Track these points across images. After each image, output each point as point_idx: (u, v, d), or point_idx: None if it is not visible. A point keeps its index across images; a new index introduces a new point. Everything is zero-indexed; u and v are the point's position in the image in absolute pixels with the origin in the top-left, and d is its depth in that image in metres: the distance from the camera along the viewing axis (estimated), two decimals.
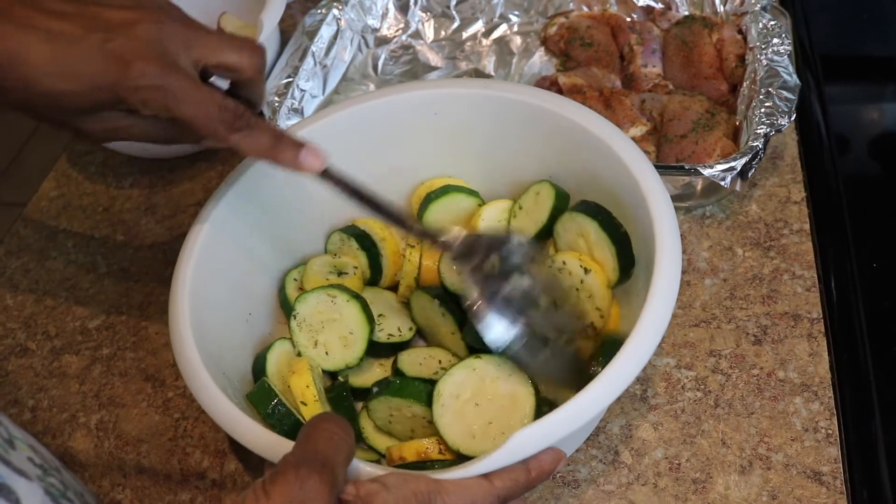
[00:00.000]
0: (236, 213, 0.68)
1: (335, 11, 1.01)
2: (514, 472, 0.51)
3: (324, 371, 0.69)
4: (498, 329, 0.59)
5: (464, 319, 0.66)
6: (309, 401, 0.63)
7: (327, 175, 0.61)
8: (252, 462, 0.71)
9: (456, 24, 1.05)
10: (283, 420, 0.61)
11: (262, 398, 0.62)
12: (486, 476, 0.51)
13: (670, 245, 0.59)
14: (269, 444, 0.53)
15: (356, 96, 0.74)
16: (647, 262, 0.60)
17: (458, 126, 0.74)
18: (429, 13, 1.06)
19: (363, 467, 0.50)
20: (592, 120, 0.67)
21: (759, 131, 0.76)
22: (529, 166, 0.73)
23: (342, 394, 0.67)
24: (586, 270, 0.66)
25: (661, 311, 0.56)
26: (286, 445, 0.49)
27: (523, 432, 0.51)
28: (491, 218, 0.73)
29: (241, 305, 0.70)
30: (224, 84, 0.61)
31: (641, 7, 1.00)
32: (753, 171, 0.75)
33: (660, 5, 0.99)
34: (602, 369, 0.54)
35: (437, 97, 0.73)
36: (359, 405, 0.68)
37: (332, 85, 1.00)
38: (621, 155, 0.64)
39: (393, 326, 0.71)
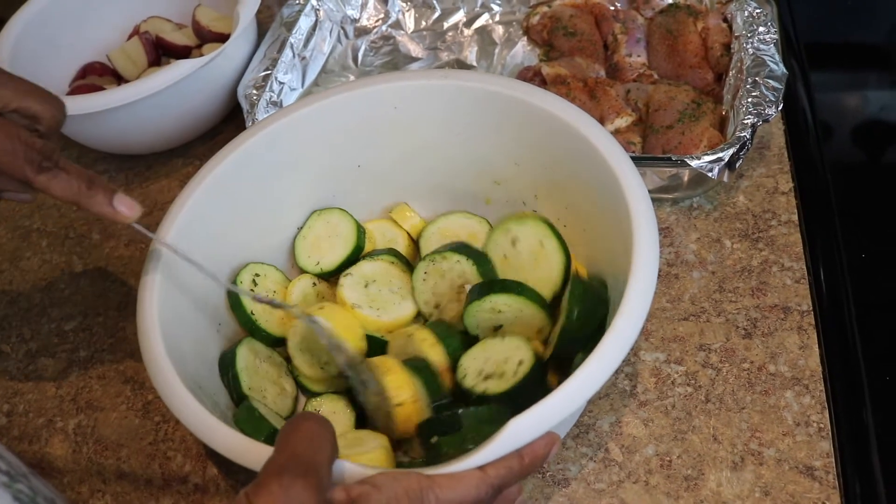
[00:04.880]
0: (196, 223, 0.67)
1: (313, 2, 1.00)
2: (507, 460, 0.50)
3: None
4: None
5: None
6: (406, 401, 0.62)
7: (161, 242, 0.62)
8: (234, 466, 0.69)
9: (437, 14, 1.04)
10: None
11: (248, 420, 0.62)
12: (479, 466, 0.49)
13: (646, 219, 0.58)
14: (247, 450, 0.52)
15: (317, 94, 0.72)
16: (624, 247, 0.59)
17: (419, 119, 0.72)
18: (409, 3, 1.04)
19: (349, 466, 0.49)
20: (560, 106, 0.67)
21: (746, 121, 0.75)
22: (496, 157, 0.72)
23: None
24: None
25: (643, 293, 0.55)
26: (265, 451, 0.48)
27: (517, 422, 0.50)
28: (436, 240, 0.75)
29: (209, 316, 0.68)
30: None
31: None
32: (741, 161, 0.74)
33: None
34: (585, 357, 0.53)
35: (396, 90, 0.71)
36: None
37: (311, 77, 0.98)
38: (593, 141, 0.64)
39: None
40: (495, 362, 0.62)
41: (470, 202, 0.76)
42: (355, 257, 0.74)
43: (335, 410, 0.67)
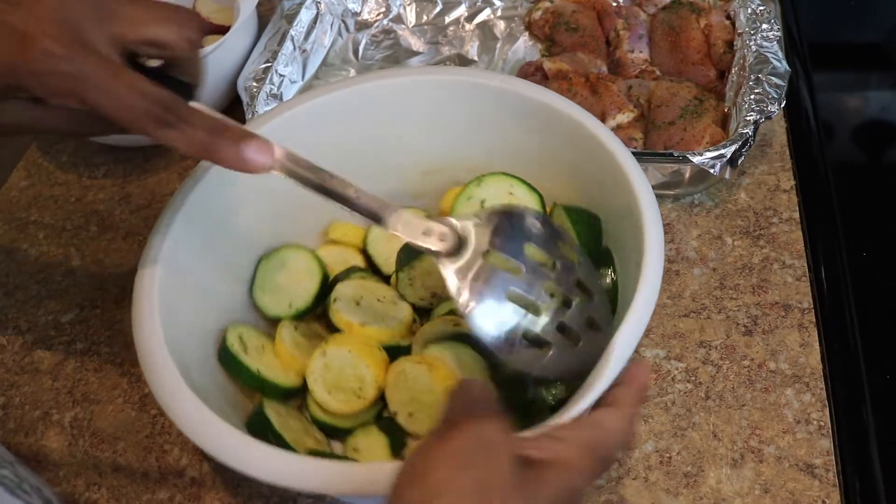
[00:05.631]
0: (198, 217, 0.64)
1: None
2: (631, 395, 0.49)
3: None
4: (489, 327, 0.51)
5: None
6: None
7: (284, 169, 0.52)
8: None
9: (438, 9, 1.03)
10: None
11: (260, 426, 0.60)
12: (614, 409, 0.48)
13: (651, 206, 0.58)
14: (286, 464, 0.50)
15: (330, 84, 0.71)
16: (633, 233, 0.59)
17: (433, 113, 0.71)
18: None
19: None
20: (561, 103, 0.66)
21: (748, 118, 0.75)
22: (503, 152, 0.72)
23: None
24: None
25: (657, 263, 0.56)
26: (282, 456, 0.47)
27: (617, 341, 0.51)
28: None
29: (213, 319, 0.66)
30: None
31: None
32: (743, 158, 0.74)
33: None
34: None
35: (409, 84, 0.70)
36: None
37: (311, 70, 0.98)
38: (603, 140, 0.63)
39: None
40: None
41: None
42: (327, 285, 0.71)
43: (371, 444, 0.64)
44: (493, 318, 0.51)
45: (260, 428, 0.60)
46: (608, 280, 0.64)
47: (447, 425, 0.41)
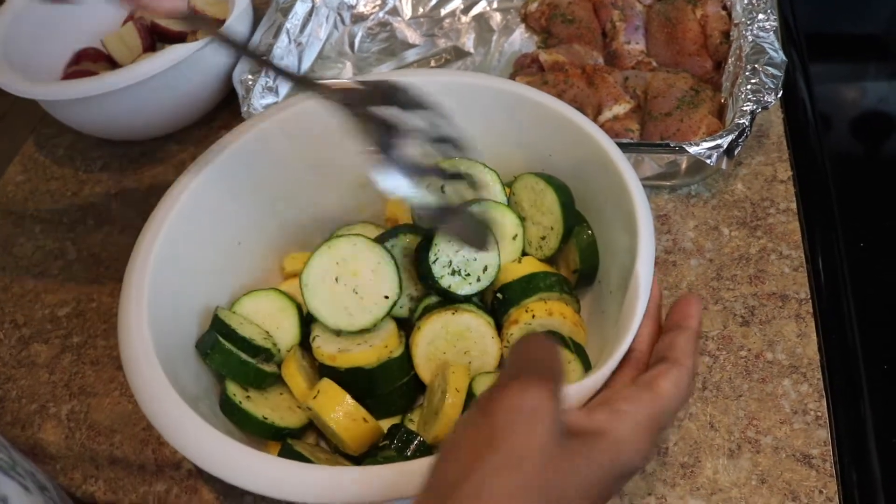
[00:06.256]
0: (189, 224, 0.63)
1: None
2: (688, 342, 0.48)
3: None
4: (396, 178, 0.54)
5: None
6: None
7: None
8: None
9: (434, 1, 1.03)
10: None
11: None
12: (671, 366, 0.47)
13: (641, 198, 0.59)
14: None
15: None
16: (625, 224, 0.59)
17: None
18: None
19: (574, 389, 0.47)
20: (551, 101, 0.67)
21: (745, 108, 0.75)
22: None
23: None
24: None
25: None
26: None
27: (638, 271, 0.53)
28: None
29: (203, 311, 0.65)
30: None
31: None
32: (739, 148, 0.74)
33: None
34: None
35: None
36: None
37: (307, 63, 0.98)
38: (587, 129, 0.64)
39: None
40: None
41: None
42: (304, 314, 0.68)
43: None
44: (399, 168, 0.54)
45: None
46: (587, 233, 0.67)
47: (495, 391, 0.39)
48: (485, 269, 0.66)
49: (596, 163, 0.63)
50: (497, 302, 0.66)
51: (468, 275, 0.65)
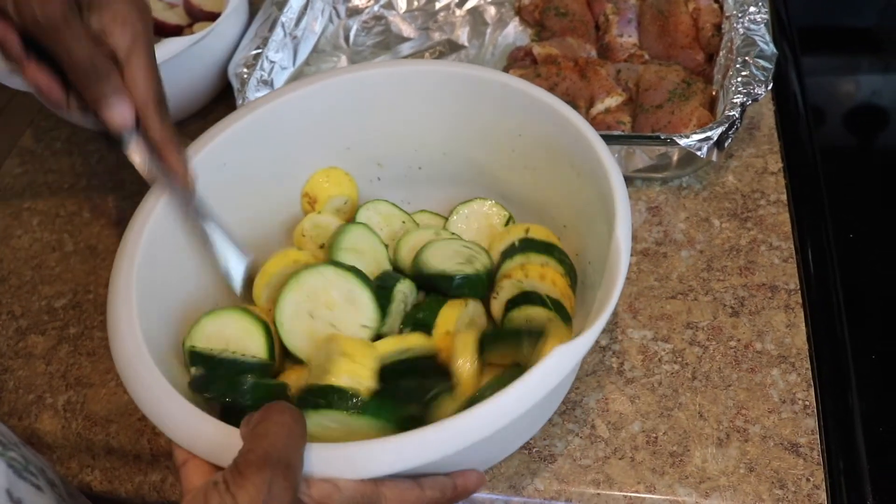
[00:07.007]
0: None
1: None
2: (443, 484, 0.51)
3: None
4: None
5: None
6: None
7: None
8: None
9: None
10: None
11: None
12: (418, 483, 0.49)
13: (621, 187, 0.59)
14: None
15: (319, 74, 0.71)
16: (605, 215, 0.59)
17: (426, 101, 0.71)
18: None
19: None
20: (538, 92, 0.66)
21: (735, 100, 0.75)
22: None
23: None
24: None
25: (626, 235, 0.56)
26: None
27: (618, 235, 0.54)
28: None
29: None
30: None
31: None
32: (730, 140, 0.74)
33: None
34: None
35: (396, 74, 0.70)
36: None
37: (302, 56, 0.98)
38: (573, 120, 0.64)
39: None
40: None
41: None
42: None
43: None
44: None
45: None
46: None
47: (240, 476, 0.41)
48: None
49: (567, 136, 0.63)
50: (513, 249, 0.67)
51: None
